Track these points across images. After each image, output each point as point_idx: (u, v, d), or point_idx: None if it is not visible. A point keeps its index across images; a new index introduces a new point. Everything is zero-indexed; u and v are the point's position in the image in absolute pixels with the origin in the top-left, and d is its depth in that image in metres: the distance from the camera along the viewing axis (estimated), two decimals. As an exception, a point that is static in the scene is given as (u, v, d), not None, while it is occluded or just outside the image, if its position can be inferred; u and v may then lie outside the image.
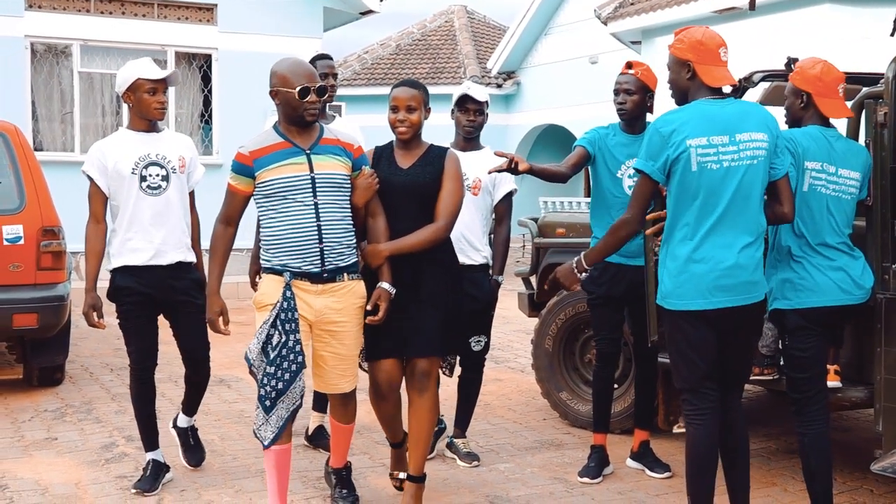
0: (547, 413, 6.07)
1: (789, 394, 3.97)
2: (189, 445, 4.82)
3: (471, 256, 4.80)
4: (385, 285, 3.95)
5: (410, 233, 4.00)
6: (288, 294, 3.77)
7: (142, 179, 4.38)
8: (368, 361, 4.11)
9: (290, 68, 3.84)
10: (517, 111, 20.03)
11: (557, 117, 18.66)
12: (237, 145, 3.98)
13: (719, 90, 3.61)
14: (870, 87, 4.44)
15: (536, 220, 6.30)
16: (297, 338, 3.76)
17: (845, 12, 11.25)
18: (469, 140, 4.94)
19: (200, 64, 11.85)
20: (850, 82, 4.19)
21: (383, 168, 4.11)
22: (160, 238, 4.41)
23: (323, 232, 3.82)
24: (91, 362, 7.58)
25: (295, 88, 3.78)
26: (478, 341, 4.93)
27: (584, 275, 3.93)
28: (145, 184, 4.39)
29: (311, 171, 3.83)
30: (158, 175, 4.42)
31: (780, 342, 4.14)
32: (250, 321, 3.87)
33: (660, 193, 3.87)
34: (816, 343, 3.86)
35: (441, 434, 5.03)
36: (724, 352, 3.63)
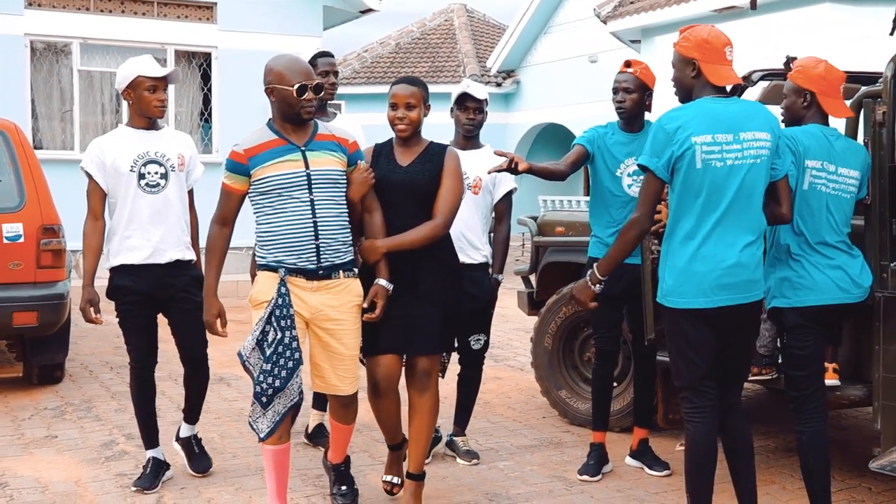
0: (546, 411, 6.08)
1: (788, 392, 3.97)
2: (194, 454, 4.72)
3: (471, 255, 4.79)
4: (382, 282, 3.92)
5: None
6: (283, 290, 3.73)
7: (140, 177, 4.38)
8: (367, 357, 4.06)
9: (287, 65, 3.81)
10: (516, 110, 20.02)
11: (557, 116, 18.66)
12: (236, 144, 3.97)
13: (723, 89, 3.61)
14: (868, 87, 4.44)
15: (536, 219, 6.30)
16: (294, 334, 3.72)
17: (845, 11, 11.25)
18: (469, 138, 4.94)
19: (200, 62, 11.86)
20: (849, 81, 4.20)
21: (382, 165, 4.08)
22: (158, 236, 4.41)
23: (319, 228, 3.80)
24: (91, 360, 7.58)
25: (293, 86, 3.75)
26: (477, 340, 4.94)
27: (600, 286, 3.82)
28: (144, 181, 4.38)
29: (307, 168, 3.80)
30: (157, 173, 4.41)
31: (779, 340, 4.15)
32: (249, 320, 3.86)
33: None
34: (815, 341, 3.87)
35: (437, 443, 4.99)
36: (724, 350, 3.63)
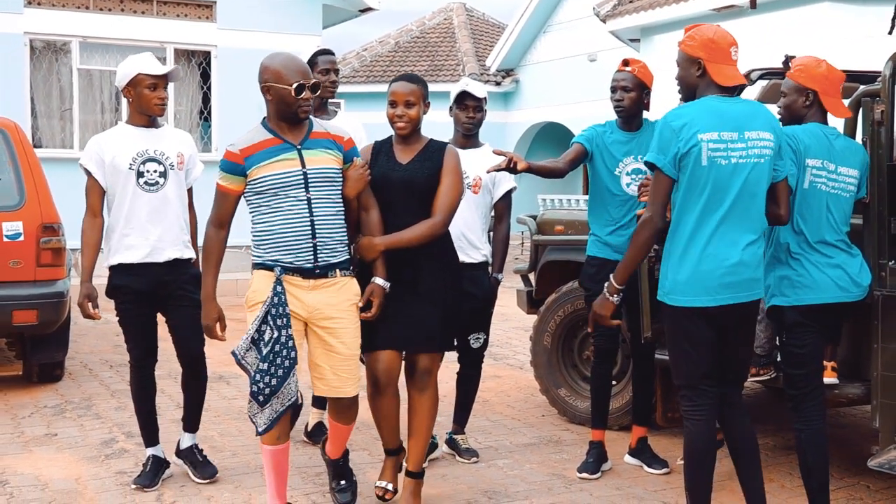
0: (545, 409, 6.09)
1: (786, 390, 3.98)
2: (197, 463, 4.65)
3: (470, 254, 4.79)
4: (379, 280, 3.90)
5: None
6: (279, 289, 3.71)
7: (139, 175, 4.37)
8: (366, 353, 4.03)
9: (285, 64, 3.77)
10: (516, 109, 20.03)
11: (556, 115, 18.66)
12: (236, 143, 3.95)
13: (727, 88, 3.61)
14: (867, 86, 4.45)
15: (535, 218, 6.30)
16: (289, 333, 3.70)
17: (845, 10, 11.25)
18: (468, 137, 4.93)
19: (199, 61, 11.86)
20: (847, 80, 4.21)
21: (382, 163, 4.07)
22: (156, 235, 4.40)
23: (316, 227, 3.78)
24: (91, 359, 7.59)
25: (291, 85, 3.72)
26: (477, 338, 4.94)
27: (618, 297, 3.74)
28: (142, 180, 4.38)
29: (303, 167, 3.77)
30: (156, 171, 4.40)
31: (778, 339, 4.16)
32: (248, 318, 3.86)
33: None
34: (813, 340, 3.88)
35: (434, 450, 4.98)
36: (724, 349, 3.63)
